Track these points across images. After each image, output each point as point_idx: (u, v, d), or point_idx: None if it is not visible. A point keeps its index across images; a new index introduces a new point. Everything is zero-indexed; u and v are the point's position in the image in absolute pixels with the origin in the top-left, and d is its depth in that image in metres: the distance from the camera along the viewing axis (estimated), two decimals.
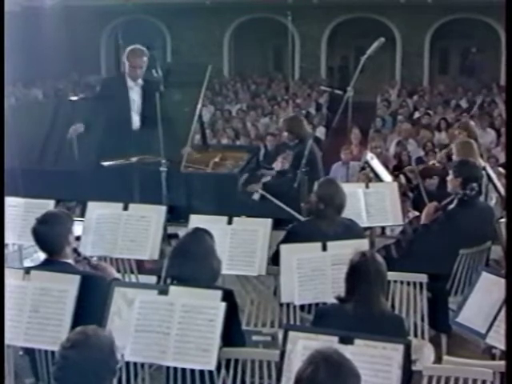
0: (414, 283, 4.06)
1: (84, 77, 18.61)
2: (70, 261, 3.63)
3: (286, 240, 4.31)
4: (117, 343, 2.42)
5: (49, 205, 4.75)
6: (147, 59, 5.98)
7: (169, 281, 3.48)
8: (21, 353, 3.62)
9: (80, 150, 6.05)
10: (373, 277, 3.17)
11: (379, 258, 3.29)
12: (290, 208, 5.53)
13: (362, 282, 3.17)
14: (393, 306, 3.90)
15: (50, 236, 3.52)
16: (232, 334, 3.20)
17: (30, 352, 3.46)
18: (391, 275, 4.13)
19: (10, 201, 4.68)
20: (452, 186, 4.71)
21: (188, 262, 3.26)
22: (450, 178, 4.78)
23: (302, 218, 5.17)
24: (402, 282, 4.12)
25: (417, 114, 13.93)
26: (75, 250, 3.75)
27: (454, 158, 5.82)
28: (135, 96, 6.08)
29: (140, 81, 6.06)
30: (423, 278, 4.05)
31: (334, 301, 3.35)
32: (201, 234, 3.43)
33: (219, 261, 3.41)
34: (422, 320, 3.98)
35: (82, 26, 18.23)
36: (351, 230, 4.34)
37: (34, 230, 3.54)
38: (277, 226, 4.51)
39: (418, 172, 5.69)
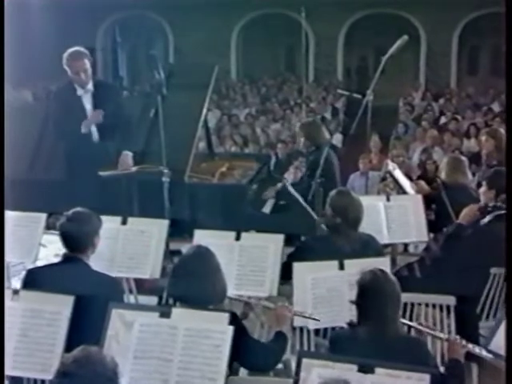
0: (441, 306, 4.05)
1: None
2: (90, 263, 3.80)
3: (297, 255, 4.32)
4: None
5: (40, 218, 4.78)
6: (90, 62, 5.92)
7: (171, 302, 3.49)
8: (7, 382, 3.63)
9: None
10: (388, 298, 3.19)
11: (391, 276, 3.31)
12: (303, 222, 5.53)
13: (375, 304, 3.19)
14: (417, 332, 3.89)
15: (77, 233, 3.75)
16: (247, 357, 3.21)
17: (17, 381, 3.46)
18: (415, 297, 4.14)
19: None
20: (485, 198, 4.71)
21: (191, 282, 3.28)
22: (482, 189, 4.78)
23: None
24: (427, 305, 4.11)
25: (443, 119, 13.91)
26: None
27: (442, 175, 5.84)
28: (87, 105, 6.00)
29: (90, 86, 5.97)
30: (451, 300, 4.04)
31: None
32: (203, 251, 3.44)
33: (225, 280, 3.42)
34: None
35: (75, 23, 18.34)
36: (370, 247, 4.35)
37: (62, 227, 3.79)
38: (289, 241, 4.53)
39: (442, 182, 5.68)
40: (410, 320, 3.88)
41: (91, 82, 5.98)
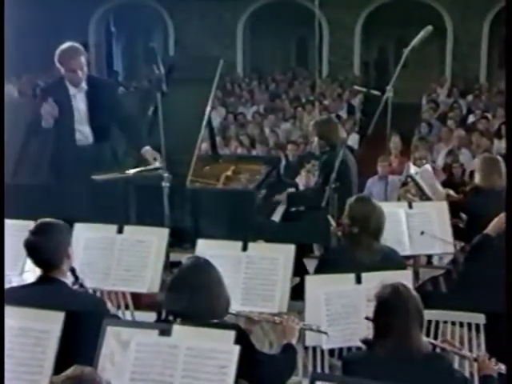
0: (469, 325, 4.05)
1: None
2: (68, 281, 3.74)
3: (319, 270, 4.34)
4: None
5: (27, 226, 4.79)
6: (86, 58, 5.96)
7: (171, 318, 3.50)
8: None
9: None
10: (409, 315, 3.20)
11: (413, 291, 3.33)
12: (317, 231, 5.55)
13: (395, 322, 3.20)
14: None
15: (46, 247, 3.65)
16: (256, 372, 3.25)
17: None
18: (440, 314, 4.14)
19: None
20: None
21: (189, 296, 3.29)
22: None
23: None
24: (453, 323, 4.11)
25: (471, 118, 13.91)
26: (73, 271, 3.85)
27: (477, 178, 5.82)
28: (80, 105, 6.03)
29: (84, 85, 6.01)
30: (480, 318, 4.04)
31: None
32: (201, 262, 3.47)
33: (228, 294, 3.44)
34: None
35: (66, 11, 18.41)
36: (391, 259, 4.36)
37: (28, 242, 3.69)
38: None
39: (475, 187, 5.68)
40: (435, 340, 3.87)
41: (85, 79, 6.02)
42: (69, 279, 3.80)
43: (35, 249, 3.68)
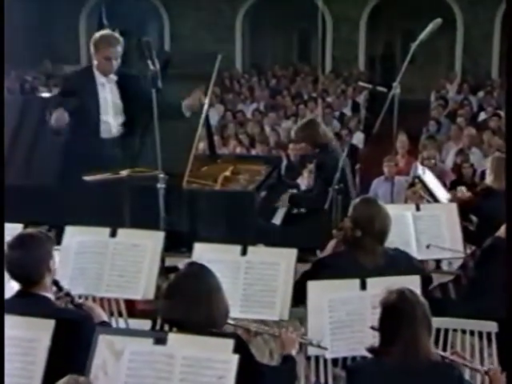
0: (480, 333, 4.05)
1: (58, 67, 18.78)
2: (50, 295, 3.68)
3: (313, 274, 4.33)
4: None
5: (15, 230, 4.78)
6: (122, 49, 6.02)
7: (167, 326, 3.50)
8: None
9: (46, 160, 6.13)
10: (417, 322, 3.21)
11: (421, 297, 3.33)
12: (320, 235, 5.55)
13: (402, 330, 3.20)
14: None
15: (26, 261, 3.57)
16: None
17: None
18: (449, 322, 4.15)
19: None
20: None
21: (185, 304, 3.29)
22: None
23: None
24: (463, 332, 4.11)
25: (482, 116, 13.92)
26: (56, 283, 3.80)
27: (489, 179, 5.83)
28: (108, 95, 6.12)
29: (113, 76, 6.10)
30: (492, 326, 4.04)
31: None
32: (199, 269, 3.47)
33: (227, 302, 3.44)
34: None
35: (55, 3, 18.41)
36: (397, 263, 4.36)
37: (6, 257, 3.59)
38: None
39: (486, 188, 5.68)
40: (444, 349, 3.88)
41: None
42: (52, 292, 3.75)
43: (14, 265, 3.59)
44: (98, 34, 6.06)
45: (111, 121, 6.15)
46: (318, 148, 6.38)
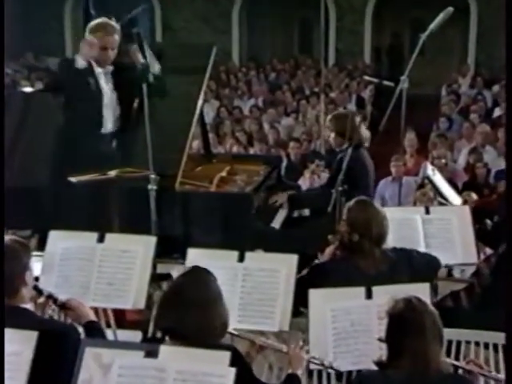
0: (495, 345, 4.05)
1: (42, 59, 18.76)
2: (29, 306, 3.67)
3: (310, 280, 4.34)
4: None
5: None
6: (119, 39, 6.03)
7: (159, 336, 3.50)
8: None
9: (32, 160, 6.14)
10: (426, 333, 3.21)
11: (430, 306, 3.34)
12: (322, 240, 5.55)
13: (410, 341, 3.21)
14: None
15: None
16: None
17: None
18: (462, 334, 4.15)
19: None
20: None
21: (185, 313, 3.28)
22: None
23: None
24: (477, 344, 4.11)
25: (497, 112, 13.92)
26: (36, 288, 3.80)
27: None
28: (105, 87, 6.13)
29: (110, 67, 6.12)
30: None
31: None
32: (200, 273, 3.46)
33: (227, 311, 3.44)
34: None
35: None
36: (400, 268, 4.36)
37: None
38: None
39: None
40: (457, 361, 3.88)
41: None
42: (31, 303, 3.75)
43: None
44: (93, 23, 6.05)
45: (108, 116, 6.16)
46: (349, 145, 6.19)
